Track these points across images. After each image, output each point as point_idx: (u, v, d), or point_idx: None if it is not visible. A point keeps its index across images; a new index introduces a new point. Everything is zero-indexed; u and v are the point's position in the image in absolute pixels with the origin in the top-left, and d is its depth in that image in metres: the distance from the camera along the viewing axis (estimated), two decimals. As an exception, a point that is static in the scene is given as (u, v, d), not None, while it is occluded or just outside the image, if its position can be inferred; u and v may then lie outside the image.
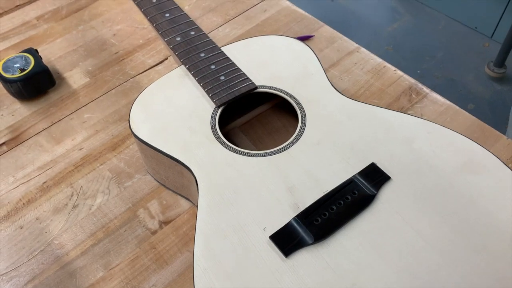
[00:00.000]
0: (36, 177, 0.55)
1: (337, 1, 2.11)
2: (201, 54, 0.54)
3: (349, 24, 1.97)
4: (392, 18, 2.01)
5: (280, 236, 0.39)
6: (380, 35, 1.92)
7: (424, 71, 1.74)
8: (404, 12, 2.02)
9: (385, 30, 1.95)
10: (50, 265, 0.48)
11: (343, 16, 2.02)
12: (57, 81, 0.65)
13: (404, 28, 1.94)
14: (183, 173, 0.47)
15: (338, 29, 0.70)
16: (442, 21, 1.94)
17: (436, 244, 0.38)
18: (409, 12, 2.01)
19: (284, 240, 0.39)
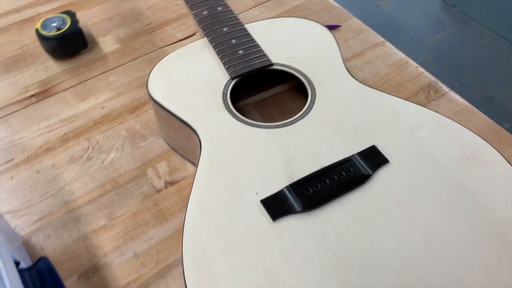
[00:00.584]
0: (58, 128, 0.59)
1: (381, 7, 2.09)
2: (224, 29, 0.56)
3: (390, 30, 1.95)
4: (436, 29, 1.97)
5: (271, 201, 0.41)
6: (421, 44, 1.89)
7: (462, 85, 1.70)
8: (450, 24, 1.98)
9: (427, 40, 1.91)
10: (59, 208, 0.51)
11: (386, 22, 2.00)
12: (90, 44, 0.68)
13: (447, 40, 1.90)
14: (191, 137, 0.49)
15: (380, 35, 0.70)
16: (488, 37, 1.89)
17: (424, 229, 0.39)
18: (454, 24, 1.97)
19: (274, 206, 0.40)
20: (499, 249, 0.37)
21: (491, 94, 1.67)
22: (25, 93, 0.63)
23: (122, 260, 0.47)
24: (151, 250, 0.47)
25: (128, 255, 0.47)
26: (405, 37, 1.93)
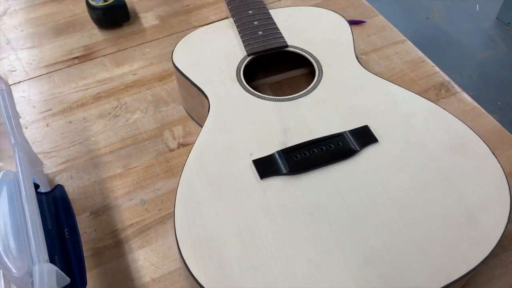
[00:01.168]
0: (93, 87, 0.66)
1: (432, 19, 2.07)
2: (249, 11, 0.61)
3: (437, 43, 1.93)
4: (485, 45, 1.93)
5: (261, 162, 0.45)
6: (468, 60, 1.85)
7: (504, 104, 1.66)
8: (501, 42, 1.93)
9: (475, 56, 1.88)
10: (83, 155, 0.58)
11: (434, 35, 1.98)
12: (132, 18, 0.75)
13: (495, 58, 1.86)
14: (204, 104, 0.54)
15: (426, 47, 0.71)
16: (540, 58, 1.83)
17: (399, 203, 0.41)
18: (506, 43, 1.92)
19: (264, 166, 0.44)
20: (464, 229, 0.40)
21: (535, 117, 1.62)
22: (69, 54, 0.71)
23: (130, 204, 0.52)
24: (156, 199, 0.53)
25: (135, 200, 0.53)
26: (452, 50, 1.90)
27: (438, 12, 2.10)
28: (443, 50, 1.90)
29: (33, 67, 0.69)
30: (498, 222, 0.40)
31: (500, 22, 2.01)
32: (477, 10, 2.10)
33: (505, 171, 0.44)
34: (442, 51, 1.89)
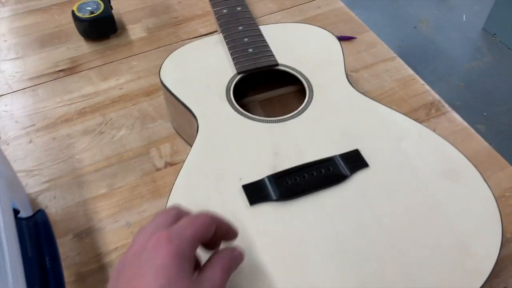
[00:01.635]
0: (78, 102, 0.64)
1: (420, 29, 2.09)
2: (239, 27, 0.60)
3: (426, 53, 1.94)
4: (473, 56, 1.95)
5: (251, 188, 0.44)
6: (455, 70, 1.87)
7: (490, 115, 1.68)
8: (487, 52, 1.95)
9: (462, 66, 1.90)
10: (67, 173, 0.56)
11: (422, 44, 2.00)
12: (119, 30, 0.74)
13: (482, 69, 1.88)
14: (192, 122, 0.53)
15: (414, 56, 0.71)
16: (526, 69, 1.85)
17: (390, 232, 0.41)
18: (492, 53, 1.95)
19: (254, 192, 0.43)
20: (457, 258, 0.39)
21: (520, 128, 1.64)
22: (55, 67, 0.69)
23: (115, 227, 0.51)
24: (142, 221, 0.51)
25: (120, 223, 0.51)
26: (440, 60, 1.92)
27: (426, 22, 2.12)
28: (431, 60, 1.91)
29: (16, 79, 0.67)
30: (489, 253, 0.39)
31: (487, 32, 2.03)
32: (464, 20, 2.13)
33: (495, 195, 0.44)
34: (430, 61, 1.91)
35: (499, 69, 1.87)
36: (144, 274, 0.30)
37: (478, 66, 1.89)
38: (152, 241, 0.31)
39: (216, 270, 0.33)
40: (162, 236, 0.31)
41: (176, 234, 0.32)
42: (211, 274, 0.32)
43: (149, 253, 0.31)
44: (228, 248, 0.35)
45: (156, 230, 0.32)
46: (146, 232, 0.33)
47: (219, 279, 0.32)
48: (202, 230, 0.33)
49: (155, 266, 0.30)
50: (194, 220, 0.34)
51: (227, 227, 0.37)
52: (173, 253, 0.30)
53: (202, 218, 0.34)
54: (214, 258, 0.34)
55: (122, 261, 0.32)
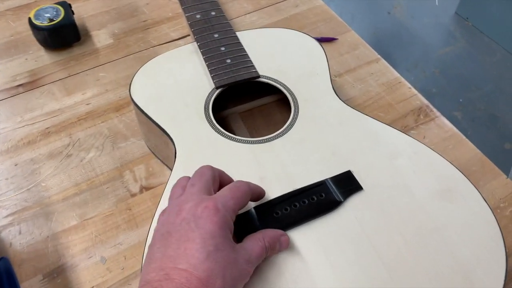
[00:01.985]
0: (41, 121, 0.58)
1: (394, 15, 2.07)
2: (215, 35, 0.55)
3: (400, 39, 1.93)
4: (446, 41, 1.94)
5: (237, 221, 0.40)
6: (430, 56, 1.87)
7: (466, 100, 1.69)
8: (461, 37, 1.95)
9: (436, 52, 1.89)
10: (32, 204, 0.51)
11: (397, 30, 1.98)
12: (83, 37, 0.68)
13: (456, 54, 1.88)
14: (168, 145, 0.48)
15: (389, 43, 0.69)
16: (498, 54, 1.86)
17: (389, 263, 0.38)
18: (465, 38, 1.95)
19: (239, 226, 0.40)
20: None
21: (495, 113, 1.65)
22: (13, 82, 0.63)
23: (89, 263, 0.47)
24: (119, 256, 0.47)
25: (95, 258, 0.47)
26: (414, 47, 1.90)
27: (399, 7, 2.10)
28: (405, 46, 1.90)
29: (-31, 97, 0.61)
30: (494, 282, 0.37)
31: (459, 17, 2.03)
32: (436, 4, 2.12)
33: (490, 206, 0.41)
34: (405, 47, 1.90)
35: (472, 54, 1.87)
36: (194, 239, 0.33)
37: (452, 51, 1.89)
38: (200, 209, 0.34)
39: (257, 245, 0.36)
40: (210, 206, 0.34)
41: (222, 204, 0.35)
42: (251, 247, 0.35)
43: (198, 220, 0.34)
44: (278, 231, 0.38)
45: (201, 197, 0.36)
46: (191, 199, 0.36)
47: (256, 254, 0.35)
48: (242, 200, 0.37)
49: (203, 233, 0.33)
50: (235, 191, 0.37)
51: (258, 193, 0.40)
52: (219, 222, 0.34)
53: (241, 188, 0.38)
54: (261, 233, 0.37)
55: (171, 224, 0.35)
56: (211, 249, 0.32)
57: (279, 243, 0.37)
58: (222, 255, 0.33)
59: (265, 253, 0.36)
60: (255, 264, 0.35)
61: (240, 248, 0.35)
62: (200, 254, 0.32)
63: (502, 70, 1.81)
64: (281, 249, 0.38)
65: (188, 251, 0.32)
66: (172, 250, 0.33)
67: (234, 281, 0.33)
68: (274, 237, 0.37)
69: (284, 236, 0.38)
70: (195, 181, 0.38)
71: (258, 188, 0.41)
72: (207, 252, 0.32)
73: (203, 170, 0.39)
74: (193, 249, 0.32)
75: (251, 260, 0.35)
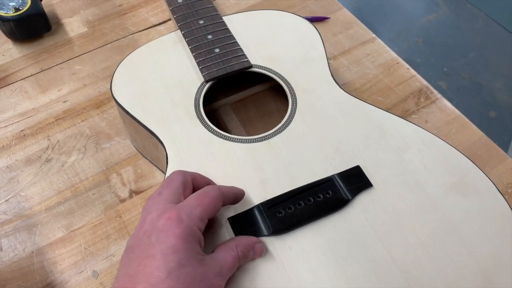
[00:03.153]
0: (15, 123, 0.53)
1: (374, -17, 2.02)
2: (200, 21, 0.51)
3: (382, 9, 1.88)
4: (428, 9, 1.91)
5: (238, 220, 0.37)
6: (412, 25, 1.83)
7: (450, 70, 1.67)
8: (443, 4, 1.92)
9: (418, 20, 1.86)
10: (12, 217, 0.47)
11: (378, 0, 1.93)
12: (54, 26, 0.62)
13: (438, 22, 1.85)
14: (158, 146, 0.44)
15: (370, 13, 0.65)
16: (481, 20, 1.84)
17: (404, 266, 0.36)
18: (447, 5, 1.91)
19: (241, 225, 0.37)
20: (483, 293, 0.35)
21: (479, 81, 1.64)
22: (-21, 80, 0.57)
23: (80, 279, 0.43)
24: (112, 268, 0.44)
25: (86, 273, 0.43)
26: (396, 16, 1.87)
27: (380, -25, 2.04)
28: (387, 15, 1.86)
29: None
30: (516, 281, 0.35)
31: (441, -17, 1.99)
32: (417, -30, 2.07)
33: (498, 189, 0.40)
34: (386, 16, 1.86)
35: (455, 22, 1.85)
36: (154, 255, 0.30)
37: (435, 19, 1.86)
38: (161, 221, 0.31)
39: (229, 255, 0.33)
40: (172, 217, 0.31)
41: (186, 214, 0.32)
42: (223, 258, 0.33)
43: (159, 233, 0.31)
44: (252, 238, 0.35)
45: (165, 206, 0.33)
46: (154, 209, 0.33)
47: (228, 266, 0.32)
48: (211, 207, 0.34)
49: (164, 248, 0.30)
50: (203, 198, 0.34)
51: (234, 196, 0.37)
52: (183, 234, 0.31)
53: (210, 193, 0.34)
54: (233, 242, 0.34)
55: (134, 238, 0.32)
56: (173, 265, 0.30)
57: (252, 251, 0.35)
58: (186, 272, 0.30)
59: (238, 263, 0.34)
60: (227, 277, 0.33)
61: (210, 260, 0.32)
62: (160, 272, 0.29)
63: (485, 37, 1.79)
64: (254, 257, 0.35)
65: (148, 268, 0.30)
66: (132, 268, 0.30)
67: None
68: (248, 245, 0.34)
69: (258, 244, 0.35)
70: (162, 189, 0.35)
71: (232, 190, 0.37)
72: (168, 270, 0.29)
73: (173, 176, 0.36)
74: (153, 267, 0.29)
75: (222, 273, 0.32)
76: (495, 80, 1.64)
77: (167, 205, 0.33)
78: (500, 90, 1.62)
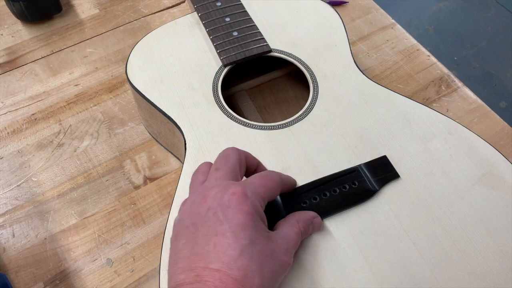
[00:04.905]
0: (25, 107, 0.52)
1: (384, -31, 1.98)
2: (217, 3, 0.49)
3: (392, -5, 1.85)
4: (439, -4, 1.87)
5: (263, 212, 0.36)
6: (423, 12, 1.80)
7: (461, 59, 1.64)
8: (454, -8, 1.88)
9: (429, 8, 1.83)
10: (24, 202, 0.46)
11: (388, -14, 1.90)
12: (65, 7, 0.60)
13: (450, 10, 1.82)
14: (175, 132, 0.43)
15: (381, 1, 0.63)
16: (493, 8, 1.81)
17: (431, 260, 0.35)
18: (459, -8, 1.88)
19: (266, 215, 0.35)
20: None
21: (490, 70, 1.61)
22: (-12, 62, 0.56)
23: (94, 267, 0.42)
24: (127, 256, 0.43)
25: (100, 261, 0.43)
26: (407, 3, 1.83)
27: (390, -39, 2.01)
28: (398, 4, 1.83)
29: None
30: (547, 276, 0.34)
31: (452, -30, 1.95)
32: (428, -43, 2.03)
33: None
34: (397, 4, 1.82)
35: (466, 10, 1.81)
36: (224, 233, 0.29)
37: (446, 7, 1.83)
38: (226, 197, 0.30)
39: (293, 232, 0.32)
40: (238, 193, 0.30)
41: (251, 191, 0.31)
42: (287, 234, 0.32)
43: (225, 209, 0.30)
44: (311, 213, 0.35)
45: (227, 182, 0.32)
46: (214, 184, 0.32)
47: (293, 241, 0.32)
48: (272, 191, 0.33)
49: (233, 225, 0.29)
50: (266, 179, 0.33)
51: (290, 185, 0.36)
52: (250, 211, 0.30)
53: (273, 177, 0.34)
54: (294, 218, 0.34)
55: (195, 214, 0.31)
56: (245, 243, 0.29)
57: (312, 225, 0.34)
58: (257, 249, 0.29)
59: (301, 238, 0.33)
60: (293, 253, 0.32)
61: (276, 237, 0.31)
62: (232, 250, 0.28)
63: (496, 26, 1.76)
64: (314, 231, 0.35)
65: (219, 247, 0.28)
66: (200, 246, 0.29)
67: (273, 276, 0.29)
68: (308, 220, 0.34)
69: (317, 218, 0.35)
70: (220, 165, 0.34)
71: (289, 179, 0.36)
72: (240, 248, 0.28)
73: (228, 152, 0.35)
74: (225, 245, 0.28)
75: (289, 249, 0.31)
76: (506, 70, 1.61)
77: (228, 181, 0.32)
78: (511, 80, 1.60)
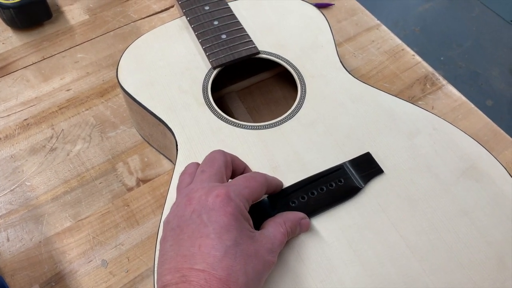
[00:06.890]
0: (17, 112, 0.53)
1: (371, -29, 2.00)
2: (205, 7, 0.50)
3: (379, -3, 1.87)
4: (425, -3, 1.90)
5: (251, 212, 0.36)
6: (409, 13, 1.83)
7: (447, 59, 1.67)
8: (439, -7, 1.91)
9: (415, 9, 1.85)
10: (18, 207, 0.46)
11: (375, -13, 1.92)
12: (55, 14, 0.61)
13: (435, 10, 1.85)
14: (166, 134, 0.44)
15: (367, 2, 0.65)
16: (477, 8, 1.84)
17: (419, 251, 0.36)
18: (444, -7, 1.91)
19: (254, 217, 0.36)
20: (497, 275, 0.35)
21: (476, 69, 1.64)
22: (-21, 69, 0.56)
23: (89, 268, 0.43)
24: (121, 257, 0.43)
25: (95, 262, 0.43)
26: (393, 4, 1.86)
27: (376, -36, 2.03)
28: (384, 3, 1.85)
29: None
30: (530, 264, 0.35)
31: (437, -29, 1.98)
32: (413, -41, 2.06)
33: None
34: (383, 4, 1.85)
35: (451, 10, 1.84)
36: (209, 234, 0.30)
37: (432, 8, 1.86)
38: (210, 199, 0.31)
39: (279, 232, 0.33)
40: (222, 195, 0.31)
41: (235, 193, 0.32)
42: (272, 234, 0.33)
43: (210, 212, 0.31)
44: (299, 214, 0.36)
45: (211, 184, 0.32)
46: (200, 187, 0.32)
47: (279, 242, 0.33)
48: (257, 192, 0.34)
49: (217, 227, 0.30)
50: (250, 180, 0.34)
51: (275, 186, 0.37)
52: (234, 213, 0.31)
53: (257, 178, 0.35)
54: (281, 218, 0.34)
55: (180, 217, 0.32)
56: (229, 244, 0.30)
57: (299, 226, 0.35)
58: (241, 249, 0.30)
59: (286, 238, 0.34)
60: (277, 253, 0.33)
61: (260, 237, 0.32)
62: (217, 251, 0.29)
63: (481, 26, 1.79)
64: (301, 232, 0.36)
65: (204, 248, 0.29)
66: (185, 248, 0.30)
67: (257, 274, 0.30)
68: (295, 220, 0.35)
69: (304, 219, 0.36)
70: (206, 167, 0.35)
71: (275, 180, 0.37)
72: (224, 249, 0.29)
73: (214, 155, 0.36)
74: (209, 246, 0.29)
75: (274, 249, 0.32)
76: (491, 69, 1.64)
77: (213, 183, 0.33)
78: (497, 78, 1.63)
